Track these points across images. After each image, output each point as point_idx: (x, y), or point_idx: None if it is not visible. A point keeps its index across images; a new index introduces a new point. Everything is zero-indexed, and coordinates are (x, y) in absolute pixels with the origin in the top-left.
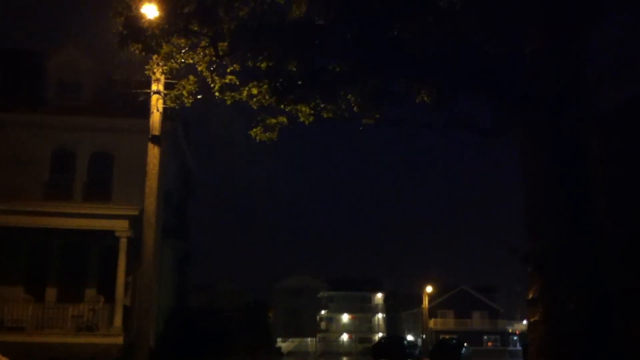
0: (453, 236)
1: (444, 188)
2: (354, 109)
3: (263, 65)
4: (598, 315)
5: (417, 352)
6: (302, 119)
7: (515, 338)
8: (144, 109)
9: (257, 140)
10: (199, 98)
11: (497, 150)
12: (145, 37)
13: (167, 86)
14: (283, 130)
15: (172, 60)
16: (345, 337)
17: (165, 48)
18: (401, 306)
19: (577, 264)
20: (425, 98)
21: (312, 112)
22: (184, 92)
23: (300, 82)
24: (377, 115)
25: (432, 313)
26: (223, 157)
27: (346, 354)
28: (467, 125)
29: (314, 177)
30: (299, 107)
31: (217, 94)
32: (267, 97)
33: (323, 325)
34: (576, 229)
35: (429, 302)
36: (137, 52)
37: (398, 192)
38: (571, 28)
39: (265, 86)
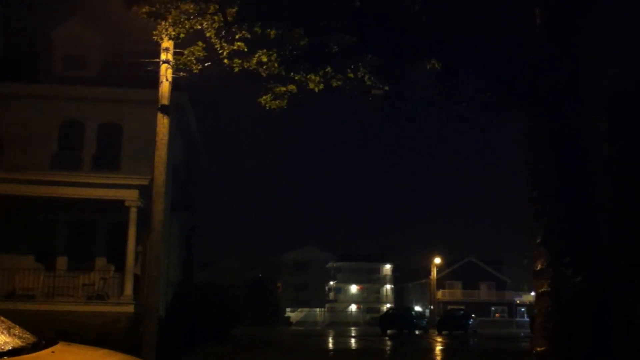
0: (461, 209)
1: (450, 162)
2: (365, 81)
3: (272, 33)
4: (593, 294)
5: (424, 322)
6: (311, 87)
7: (522, 309)
8: (152, 80)
9: (267, 108)
10: (207, 65)
11: (503, 125)
12: (152, 1)
13: (176, 55)
14: (291, 104)
15: (180, 26)
16: (353, 307)
17: (174, 13)
18: (409, 277)
19: (574, 243)
20: (437, 65)
21: (322, 80)
22: (192, 59)
23: (309, 52)
24: (386, 88)
25: (440, 284)
26: (229, 131)
27: (354, 324)
28: (466, 101)
29: (319, 152)
30: (308, 75)
31: (225, 60)
32: (276, 65)
33: (331, 295)
34: (576, 211)
35: (437, 273)
36: (144, 17)
37: (405, 166)
38: (576, 6)
39: (274, 55)
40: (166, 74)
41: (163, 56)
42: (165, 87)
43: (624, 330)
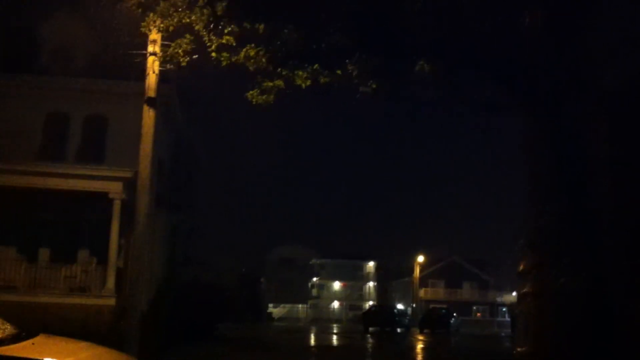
0: (446, 207)
1: (439, 160)
2: (354, 79)
3: (261, 27)
4: (593, 294)
5: (406, 320)
6: (299, 83)
7: (504, 309)
8: (140, 73)
9: (254, 103)
10: (195, 58)
11: (493, 125)
12: None
13: (163, 47)
14: (280, 99)
15: (169, 18)
16: (336, 304)
17: (162, 5)
18: (392, 275)
19: (574, 243)
20: (425, 68)
21: (309, 76)
22: (180, 51)
23: (298, 49)
24: (374, 86)
25: (423, 283)
26: (218, 128)
27: (336, 321)
28: (465, 101)
29: (308, 150)
30: (296, 71)
31: (213, 54)
32: (264, 60)
33: (314, 292)
34: (576, 210)
35: (420, 272)
36: (133, 8)
37: (392, 164)
38: (576, 6)
39: (262, 50)
40: (153, 66)
41: (150, 48)
42: (152, 79)
43: (624, 330)
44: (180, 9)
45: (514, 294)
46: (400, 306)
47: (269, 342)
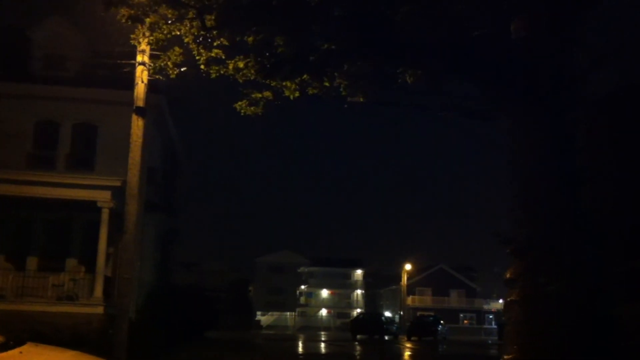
0: (433, 217)
1: (424, 170)
2: (341, 91)
3: (250, 39)
4: (581, 300)
5: (394, 328)
6: (287, 94)
7: (490, 317)
8: (129, 81)
9: (242, 114)
10: (184, 70)
11: (480, 132)
12: (131, 3)
13: (152, 58)
14: (268, 109)
15: (159, 31)
16: (324, 312)
17: (152, 17)
18: (380, 283)
19: (563, 250)
20: (408, 79)
21: (298, 87)
22: (169, 63)
23: (287, 60)
24: (361, 99)
25: (411, 290)
26: (207, 134)
27: (324, 329)
28: (455, 108)
29: (297, 157)
30: (284, 83)
31: (202, 66)
32: (253, 71)
33: (303, 300)
34: (565, 217)
35: (408, 279)
36: (123, 20)
37: (379, 173)
38: (567, 10)
39: (251, 62)
40: (142, 75)
41: (139, 58)
42: (140, 89)
43: (620, 334)
44: (170, 22)
45: (501, 301)
46: (388, 314)
47: (256, 348)
